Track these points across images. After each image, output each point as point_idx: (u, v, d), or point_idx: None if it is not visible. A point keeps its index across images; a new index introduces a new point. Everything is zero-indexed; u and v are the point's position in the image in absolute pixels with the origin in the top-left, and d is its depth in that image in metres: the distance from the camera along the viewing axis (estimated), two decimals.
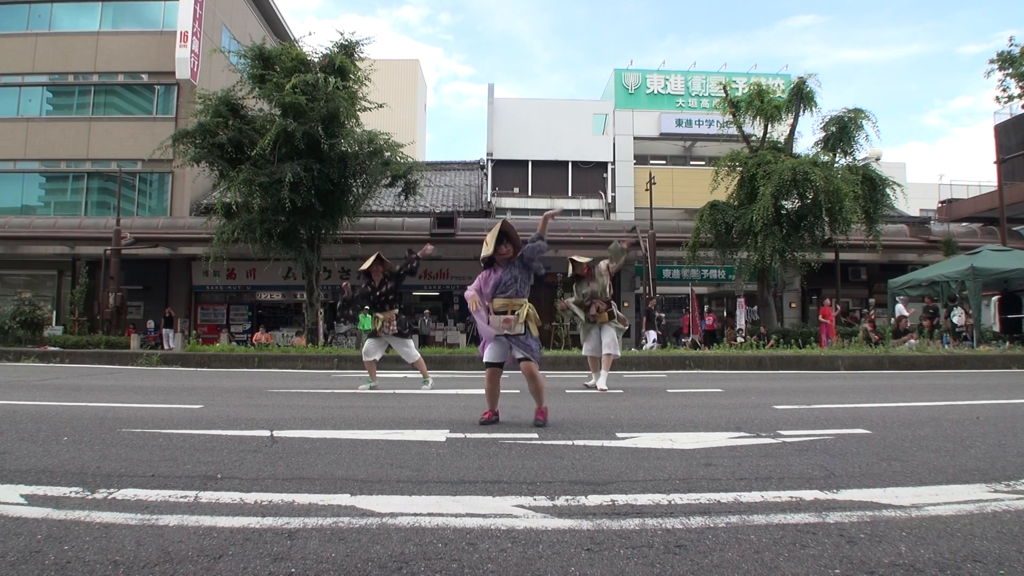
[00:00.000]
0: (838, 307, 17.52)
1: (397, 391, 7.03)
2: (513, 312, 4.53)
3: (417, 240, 19.25)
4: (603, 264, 7.52)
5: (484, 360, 4.68)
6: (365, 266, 7.33)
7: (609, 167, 24.72)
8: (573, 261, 7.56)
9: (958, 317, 14.73)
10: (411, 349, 7.46)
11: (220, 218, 15.67)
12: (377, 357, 7.45)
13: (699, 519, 2.32)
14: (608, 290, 7.49)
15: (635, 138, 25.30)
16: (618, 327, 7.47)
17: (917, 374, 9.63)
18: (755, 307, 19.73)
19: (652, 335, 17.47)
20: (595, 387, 7.22)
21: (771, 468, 3.16)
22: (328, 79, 14.42)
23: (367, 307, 7.41)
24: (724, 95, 18.14)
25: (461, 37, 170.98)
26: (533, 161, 24.65)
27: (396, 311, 7.36)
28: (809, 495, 2.65)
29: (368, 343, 7.43)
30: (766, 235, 15.48)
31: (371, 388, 7.26)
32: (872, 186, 16.24)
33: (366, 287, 7.42)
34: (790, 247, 16.08)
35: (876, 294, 21.56)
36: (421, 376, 7.50)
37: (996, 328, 15.37)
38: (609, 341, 7.33)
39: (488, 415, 4.63)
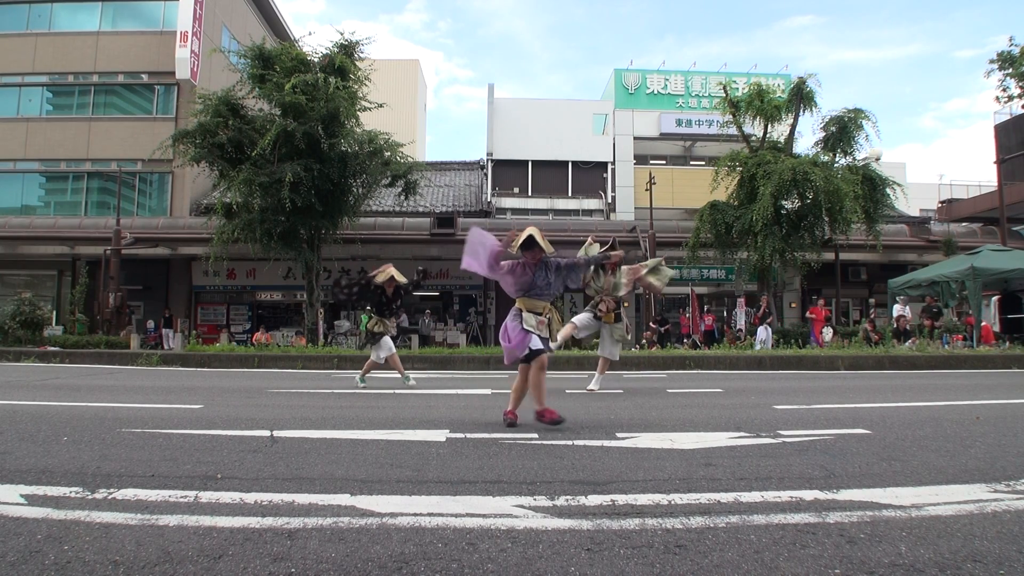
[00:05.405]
0: (826, 309, 17.50)
1: (397, 391, 7.04)
2: (541, 314, 4.49)
3: (417, 240, 19.26)
4: (626, 268, 7.15)
5: (530, 348, 4.36)
6: (381, 279, 7.57)
7: (609, 167, 24.73)
8: (613, 243, 6.93)
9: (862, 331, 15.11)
10: (389, 350, 7.87)
11: (220, 218, 15.66)
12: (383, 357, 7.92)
13: (699, 519, 2.32)
14: (620, 290, 7.08)
15: (635, 138, 25.31)
16: (621, 333, 7.17)
17: (917, 374, 9.62)
18: (755, 307, 19.70)
19: (766, 332, 15.44)
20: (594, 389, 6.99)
21: (771, 468, 3.16)
22: (328, 79, 14.41)
23: (371, 308, 7.85)
24: (724, 95, 18.13)
25: (461, 40, 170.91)
26: (533, 161, 24.67)
27: (399, 319, 8.08)
28: (809, 495, 2.65)
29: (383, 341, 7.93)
30: (766, 235, 15.48)
31: (362, 386, 7.50)
32: (872, 186, 16.23)
33: (375, 293, 7.75)
34: (790, 247, 16.07)
35: (876, 294, 21.55)
36: (400, 376, 7.91)
37: (996, 328, 15.36)
38: (612, 345, 7.14)
39: (511, 414, 4.48)
